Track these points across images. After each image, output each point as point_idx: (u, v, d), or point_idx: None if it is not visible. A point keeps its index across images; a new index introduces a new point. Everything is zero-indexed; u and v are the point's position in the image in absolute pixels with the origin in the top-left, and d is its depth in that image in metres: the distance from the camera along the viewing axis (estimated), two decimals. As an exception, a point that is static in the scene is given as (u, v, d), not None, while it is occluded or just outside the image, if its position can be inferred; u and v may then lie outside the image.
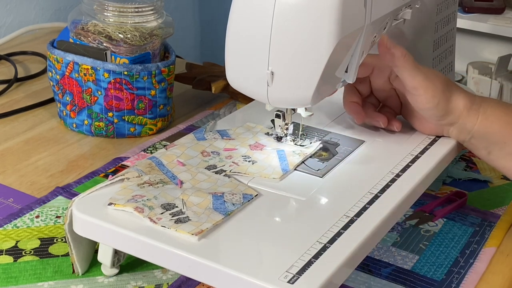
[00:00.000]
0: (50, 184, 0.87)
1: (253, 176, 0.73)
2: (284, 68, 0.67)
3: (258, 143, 0.79)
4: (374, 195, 0.70)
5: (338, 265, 0.60)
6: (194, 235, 0.62)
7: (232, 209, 0.66)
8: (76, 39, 0.96)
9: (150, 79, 0.95)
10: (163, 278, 0.70)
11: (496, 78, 2.08)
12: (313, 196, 0.71)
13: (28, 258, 0.72)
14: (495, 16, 2.11)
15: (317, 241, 0.63)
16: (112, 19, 0.95)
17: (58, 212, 0.80)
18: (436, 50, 0.93)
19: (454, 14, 0.96)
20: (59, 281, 0.69)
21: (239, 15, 0.68)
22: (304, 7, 0.64)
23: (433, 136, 0.82)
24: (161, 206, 0.66)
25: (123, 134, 0.98)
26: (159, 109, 0.98)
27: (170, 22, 1.00)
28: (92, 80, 0.94)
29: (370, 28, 0.72)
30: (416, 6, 0.82)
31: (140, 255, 0.64)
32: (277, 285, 0.57)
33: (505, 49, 2.20)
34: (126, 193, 0.68)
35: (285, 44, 0.66)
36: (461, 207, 0.85)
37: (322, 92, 0.70)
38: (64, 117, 1.00)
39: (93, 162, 0.92)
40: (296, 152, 0.77)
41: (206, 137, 0.80)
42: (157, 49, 0.98)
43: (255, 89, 0.70)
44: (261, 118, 0.84)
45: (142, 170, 0.72)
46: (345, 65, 0.72)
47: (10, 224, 0.77)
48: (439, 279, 0.72)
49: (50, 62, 0.99)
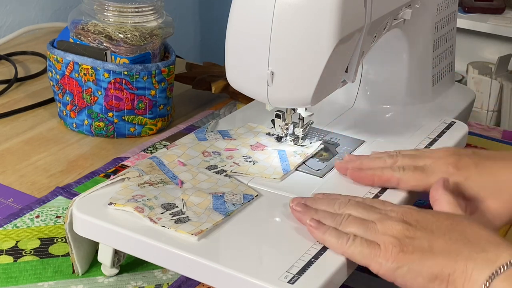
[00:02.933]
0: (50, 184, 0.86)
1: (253, 176, 0.73)
2: (284, 68, 0.67)
3: (259, 143, 0.79)
4: (374, 195, 0.70)
5: (338, 265, 0.60)
6: (194, 235, 0.62)
7: (232, 209, 0.66)
8: (76, 39, 0.96)
9: (150, 79, 0.95)
10: (163, 278, 0.70)
11: (496, 78, 2.08)
12: (313, 196, 0.71)
13: (28, 258, 0.72)
14: (495, 16, 2.11)
15: (317, 241, 0.63)
16: (112, 19, 0.95)
17: (58, 212, 0.80)
18: (436, 50, 0.93)
19: (454, 14, 0.96)
20: (59, 281, 0.69)
21: (239, 15, 0.68)
22: (304, 7, 0.64)
23: (433, 136, 0.83)
24: (161, 206, 0.66)
25: (123, 134, 0.98)
26: (159, 109, 0.98)
27: (170, 22, 1.00)
28: (92, 80, 0.94)
29: (370, 28, 0.72)
30: (416, 6, 0.82)
31: (140, 255, 0.64)
32: (277, 285, 0.57)
33: (505, 49, 2.20)
34: (126, 193, 0.68)
35: (285, 44, 0.66)
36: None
37: (322, 92, 0.70)
38: (64, 117, 1.00)
39: (93, 162, 0.92)
40: (297, 152, 0.77)
41: (207, 137, 0.80)
42: (157, 49, 0.98)
43: (255, 89, 0.70)
44: (261, 118, 0.84)
45: (143, 170, 0.72)
46: (345, 65, 0.72)
47: (10, 224, 0.77)
48: (439, 279, 0.72)
49: (50, 62, 0.99)
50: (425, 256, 0.57)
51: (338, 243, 0.61)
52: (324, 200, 0.67)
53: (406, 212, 0.62)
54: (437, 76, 0.94)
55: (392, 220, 0.60)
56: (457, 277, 0.56)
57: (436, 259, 0.57)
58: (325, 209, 0.65)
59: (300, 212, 0.65)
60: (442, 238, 0.58)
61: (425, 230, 0.59)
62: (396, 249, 0.58)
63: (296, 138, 0.79)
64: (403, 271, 0.58)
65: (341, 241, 0.61)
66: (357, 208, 0.64)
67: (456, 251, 0.57)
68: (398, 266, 0.58)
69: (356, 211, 0.63)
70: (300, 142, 0.79)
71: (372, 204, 0.65)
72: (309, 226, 0.63)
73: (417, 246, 0.58)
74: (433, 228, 0.59)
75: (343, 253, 0.61)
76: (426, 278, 0.57)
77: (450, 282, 0.56)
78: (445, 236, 0.58)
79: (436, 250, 0.58)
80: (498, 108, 2.11)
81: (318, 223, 0.63)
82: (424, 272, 0.57)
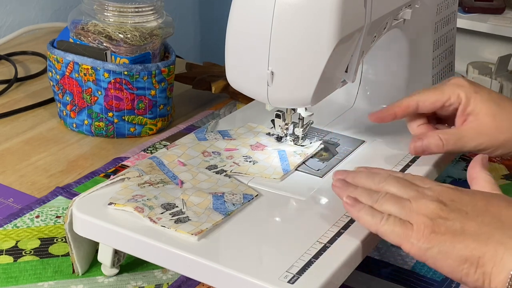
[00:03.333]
0: (50, 184, 0.86)
1: (253, 176, 0.73)
2: (284, 68, 0.67)
3: (259, 143, 0.79)
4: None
5: (338, 265, 0.60)
6: (194, 235, 0.62)
7: (232, 209, 0.66)
8: (76, 39, 0.96)
9: (150, 79, 0.95)
10: (163, 278, 0.70)
11: (496, 78, 2.08)
12: (313, 196, 0.71)
13: (28, 258, 0.72)
14: (495, 16, 2.11)
15: (317, 241, 0.63)
16: (112, 19, 0.95)
17: (58, 212, 0.80)
18: (436, 50, 0.93)
19: (454, 14, 0.96)
20: (59, 281, 0.69)
21: (239, 15, 0.68)
22: (304, 7, 0.64)
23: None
24: (161, 206, 0.66)
25: (123, 134, 0.98)
26: (159, 109, 0.98)
27: (170, 22, 1.00)
28: (92, 80, 0.94)
29: (370, 28, 0.72)
30: (416, 6, 0.82)
31: (140, 255, 0.64)
32: (277, 285, 0.57)
33: (505, 49, 2.20)
34: (126, 193, 0.68)
35: (285, 44, 0.66)
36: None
37: (322, 92, 0.70)
38: (64, 117, 1.00)
39: (93, 162, 0.92)
40: (297, 152, 0.77)
41: (207, 137, 0.80)
42: (157, 49, 0.98)
43: (255, 89, 0.70)
44: (261, 118, 0.84)
45: (143, 170, 0.72)
46: (345, 65, 0.72)
47: (10, 224, 0.77)
48: (439, 279, 0.72)
49: (50, 62, 0.99)
50: (456, 238, 0.57)
51: (372, 221, 0.61)
52: (364, 174, 0.67)
53: (443, 191, 0.61)
54: (437, 76, 0.94)
55: (427, 199, 0.60)
56: (486, 261, 0.55)
57: (467, 242, 0.56)
58: (364, 183, 0.65)
59: (339, 187, 0.66)
60: (475, 220, 0.58)
61: (459, 211, 0.59)
62: (428, 230, 0.58)
63: (296, 138, 0.79)
64: (434, 252, 0.57)
65: (375, 219, 0.61)
66: (396, 184, 0.63)
67: (487, 234, 0.56)
68: (429, 247, 0.57)
69: (394, 187, 0.63)
70: (300, 142, 0.79)
71: (412, 180, 0.64)
72: (345, 204, 0.63)
73: (449, 227, 0.57)
74: (467, 209, 0.59)
75: (376, 231, 0.61)
76: (456, 260, 0.56)
77: (480, 265, 0.56)
78: (478, 218, 0.58)
79: (468, 232, 0.57)
80: (498, 108, 2.10)
81: (354, 201, 0.63)
82: (454, 254, 0.56)
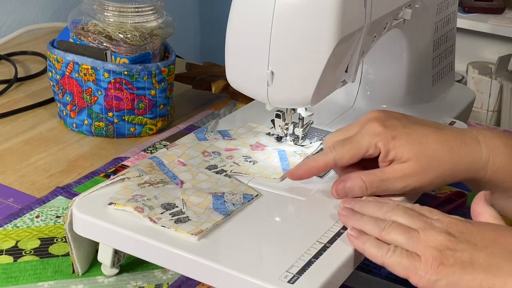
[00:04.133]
0: (50, 184, 0.86)
1: (253, 176, 0.73)
2: (284, 68, 0.67)
3: (259, 143, 0.79)
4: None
5: (338, 265, 0.60)
6: (194, 235, 0.62)
7: (232, 209, 0.66)
8: (76, 39, 0.96)
9: (150, 79, 0.95)
10: (163, 278, 0.70)
11: (496, 78, 2.08)
12: (313, 196, 0.71)
13: (28, 258, 0.72)
14: (495, 16, 2.11)
15: (317, 241, 0.63)
16: (112, 19, 0.95)
17: (58, 212, 0.80)
18: (436, 50, 0.93)
19: (454, 14, 0.96)
20: (59, 281, 0.69)
21: (239, 15, 0.68)
22: (304, 7, 0.64)
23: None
24: (161, 206, 0.66)
25: (123, 134, 0.98)
26: (159, 109, 0.98)
27: (170, 22, 1.00)
28: (92, 80, 0.94)
29: (370, 28, 0.72)
30: (416, 6, 0.82)
31: (140, 255, 0.64)
32: (277, 285, 0.57)
33: (505, 49, 2.20)
34: (126, 193, 0.68)
35: (285, 44, 0.66)
36: (461, 207, 0.85)
37: (322, 92, 0.70)
38: (64, 117, 1.00)
39: (93, 162, 0.92)
40: (297, 152, 0.77)
41: (207, 137, 0.80)
42: (157, 49, 0.98)
43: (255, 89, 0.70)
44: (261, 118, 0.84)
45: (143, 170, 0.72)
46: (345, 65, 0.72)
47: (10, 224, 0.77)
48: (439, 279, 0.72)
49: (50, 62, 0.99)
50: (465, 270, 0.56)
51: (378, 253, 0.60)
52: (372, 203, 0.66)
53: (451, 222, 0.60)
54: (437, 76, 0.94)
55: (436, 230, 0.59)
56: None
57: (476, 273, 0.56)
58: (371, 212, 0.64)
59: (345, 216, 0.65)
60: (484, 251, 0.57)
61: (468, 242, 0.58)
62: (436, 262, 0.57)
63: (296, 138, 0.79)
64: (442, 284, 0.57)
65: (381, 251, 0.60)
66: (404, 214, 0.62)
67: (496, 266, 0.56)
68: (437, 279, 0.57)
69: (402, 217, 0.62)
70: (300, 142, 0.79)
71: (420, 211, 0.63)
72: (350, 236, 0.62)
73: (458, 258, 0.57)
74: (476, 241, 0.58)
75: (383, 263, 0.60)
76: None
77: None
78: (487, 249, 0.57)
79: (477, 264, 0.56)
80: (498, 108, 2.11)
81: (358, 233, 0.62)
82: (463, 286, 0.56)
